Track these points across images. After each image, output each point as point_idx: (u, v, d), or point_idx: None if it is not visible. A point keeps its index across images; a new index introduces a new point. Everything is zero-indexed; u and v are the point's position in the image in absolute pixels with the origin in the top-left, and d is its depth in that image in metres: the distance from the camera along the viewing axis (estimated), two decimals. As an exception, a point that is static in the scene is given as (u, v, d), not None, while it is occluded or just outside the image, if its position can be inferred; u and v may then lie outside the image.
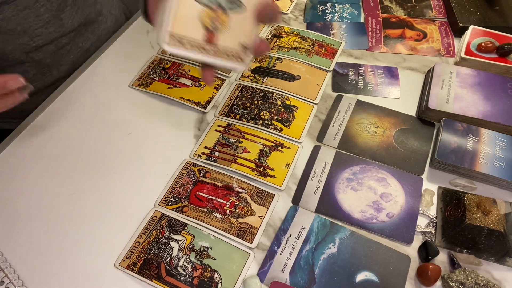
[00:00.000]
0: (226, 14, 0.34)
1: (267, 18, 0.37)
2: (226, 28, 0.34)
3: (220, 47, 0.35)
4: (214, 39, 0.34)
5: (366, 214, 0.52)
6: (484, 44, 0.68)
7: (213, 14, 0.33)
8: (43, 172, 0.56)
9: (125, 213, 0.53)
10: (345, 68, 0.70)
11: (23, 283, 0.47)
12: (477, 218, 0.48)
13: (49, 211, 0.53)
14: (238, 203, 0.53)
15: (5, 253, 0.49)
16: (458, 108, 0.59)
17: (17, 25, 0.60)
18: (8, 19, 0.59)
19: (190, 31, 0.33)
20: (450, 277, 0.46)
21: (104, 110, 0.64)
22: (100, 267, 0.48)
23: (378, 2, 0.81)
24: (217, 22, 0.34)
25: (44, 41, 0.65)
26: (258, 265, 0.48)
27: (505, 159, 0.54)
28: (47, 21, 0.63)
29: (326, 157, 0.58)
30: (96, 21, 0.74)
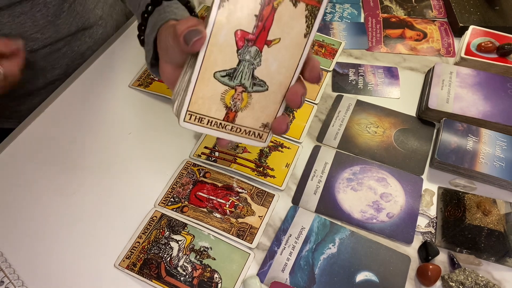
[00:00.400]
0: (248, 93, 0.33)
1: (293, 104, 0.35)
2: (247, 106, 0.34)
3: (239, 125, 0.34)
4: (234, 117, 0.34)
5: (366, 214, 0.52)
6: (484, 44, 0.68)
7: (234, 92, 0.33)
8: (43, 172, 0.56)
9: (125, 213, 0.53)
10: (345, 68, 0.70)
11: (23, 283, 0.47)
12: (477, 218, 0.48)
13: (49, 211, 0.53)
14: (238, 203, 0.53)
15: (5, 253, 0.49)
16: (458, 108, 0.59)
17: (12, 30, 0.60)
18: (3, 25, 0.58)
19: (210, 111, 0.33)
20: (450, 277, 0.46)
21: (104, 110, 0.64)
22: (100, 267, 0.48)
23: (378, 2, 0.81)
24: (238, 101, 0.33)
25: (39, 46, 0.64)
26: (258, 265, 0.48)
27: (505, 159, 0.54)
28: (43, 26, 0.63)
29: (326, 157, 0.58)
30: (94, 25, 0.73)
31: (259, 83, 0.33)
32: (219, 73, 0.32)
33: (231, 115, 0.34)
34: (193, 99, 0.32)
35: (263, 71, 0.33)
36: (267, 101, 0.34)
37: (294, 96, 0.35)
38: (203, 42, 0.30)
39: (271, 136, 0.37)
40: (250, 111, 0.34)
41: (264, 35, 0.31)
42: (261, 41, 0.31)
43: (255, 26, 0.31)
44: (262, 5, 0.30)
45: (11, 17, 0.59)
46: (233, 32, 0.31)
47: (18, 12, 0.59)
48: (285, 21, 0.31)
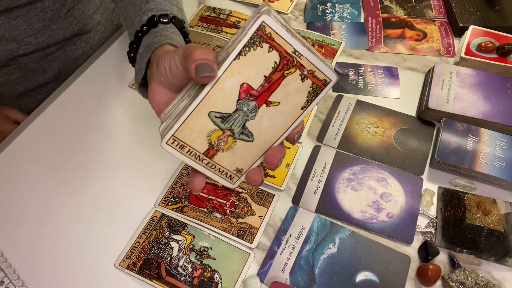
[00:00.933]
0: (234, 139, 0.35)
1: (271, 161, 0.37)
2: (228, 150, 0.36)
3: (216, 163, 0.36)
4: (213, 155, 0.36)
5: (366, 214, 0.52)
6: (484, 44, 0.68)
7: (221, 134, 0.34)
8: (43, 172, 0.56)
9: (125, 213, 0.53)
10: (345, 68, 0.70)
11: (23, 283, 0.47)
12: (477, 218, 0.48)
13: (49, 211, 0.53)
14: (238, 203, 0.53)
15: (5, 253, 0.49)
16: (458, 108, 0.59)
17: (6, 32, 0.59)
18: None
19: (194, 143, 0.34)
20: (450, 277, 0.46)
21: (104, 110, 0.64)
22: (100, 267, 0.48)
23: (378, 2, 0.81)
24: (222, 142, 0.35)
25: (31, 50, 0.64)
26: (258, 265, 0.48)
27: (505, 159, 0.54)
28: (38, 30, 0.62)
29: (326, 157, 0.58)
30: (92, 31, 0.72)
31: (247, 133, 0.35)
32: (214, 114, 0.33)
33: (211, 152, 0.35)
34: (182, 128, 0.33)
35: (254, 125, 0.35)
36: (248, 151, 0.36)
37: (273, 157, 0.36)
38: (211, 80, 0.31)
39: (240, 181, 0.39)
40: (230, 154, 0.36)
41: (267, 95, 0.33)
42: (262, 100, 0.33)
43: (261, 85, 0.32)
44: (274, 69, 0.32)
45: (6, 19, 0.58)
46: (239, 83, 0.32)
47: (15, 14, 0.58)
48: (289, 90, 0.33)
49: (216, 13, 0.79)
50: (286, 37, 0.30)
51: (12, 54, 0.62)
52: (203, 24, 0.77)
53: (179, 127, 0.33)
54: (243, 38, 0.30)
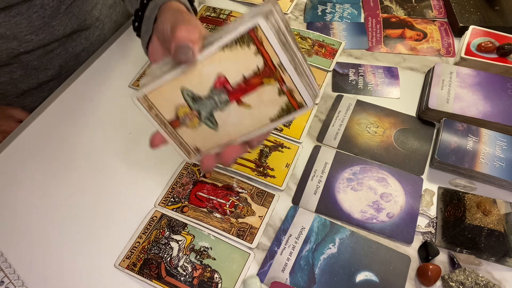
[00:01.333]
0: (199, 121, 0.36)
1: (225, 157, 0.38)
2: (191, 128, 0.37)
3: (178, 134, 0.38)
4: (177, 126, 0.37)
5: (366, 214, 0.52)
6: (484, 44, 0.68)
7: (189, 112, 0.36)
8: (43, 172, 0.56)
9: (125, 213, 0.53)
10: (345, 68, 0.70)
11: (23, 283, 0.47)
12: (477, 218, 0.48)
13: (49, 211, 0.53)
14: (238, 203, 0.53)
15: (5, 253, 0.49)
16: (458, 108, 0.59)
17: (6, 30, 0.59)
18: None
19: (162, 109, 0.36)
20: (450, 277, 0.46)
21: (104, 110, 0.64)
22: (100, 267, 0.48)
23: (378, 2, 0.81)
24: (188, 119, 0.36)
25: (33, 47, 0.64)
26: (258, 265, 0.48)
27: (505, 159, 0.54)
28: (38, 27, 0.62)
29: (326, 157, 0.58)
30: (91, 27, 0.72)
31: (212, 121, 0.36)
32: (187, 91, 0.34)
33: (176, 123, 0.37)
34: (155, 92, 0.35)
35: (221, 116, 0.35)
36: (209, 137, 0.37)
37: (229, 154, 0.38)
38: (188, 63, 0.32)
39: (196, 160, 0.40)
40: (192, 132, 0.37)
41: (240, 95, 0.33)
42: (235, 97, 0.34)
43: (237, 83, 0.33)
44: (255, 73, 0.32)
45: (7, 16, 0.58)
46: (217, 73, 0.32)
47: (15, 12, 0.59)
48: (263, 98, 0.33)
49: (216, 13, 0.79)
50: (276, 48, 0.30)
51: (14, 52, 0.63)
52: (203, 24, 0.77)
53: (152, 91, 0.35)
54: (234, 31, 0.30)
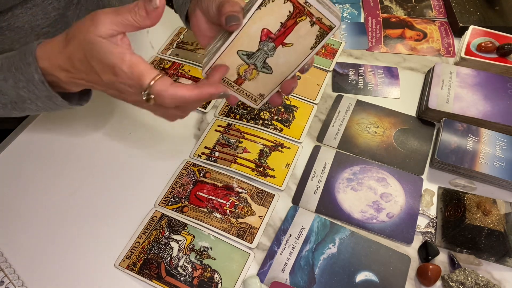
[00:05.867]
0: (257, 71, 0.44)
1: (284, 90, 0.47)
2: (253, 80, 0.45)
3: (243, 89, 0.46)
4: (241, 83, 0.45)
5: (366, 214, 0.52)
6: (484, 44, 0.68)
7: (248, 68, 0.44)
8: (43, 172, 0.56)
9: (125, 213, 0.53)
10: (345, 68, 0.70)
11: (23, 283, 0.47)
12: (477, 218, 0.48)
13: (49, 211, 0.53)
14: (238, 203, 0.53)
15: (5, 253, 0.49)
16: (458, 108, 0.59)
17: (25, 23, 0.60)
18: (16, 17, 0.59)
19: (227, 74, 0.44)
20: (450, 277, 0.46)
21: (104, 110, 0.64)
22: (100, 267, 0.48)
23: (378, 2, 0.81)
24: (248, 73, 0.44)
25: None
26: (258, 265, 0.48)
27: (505, 159, 0.54)
28: (54, 19, 0.63)
29: (326, 157, 0.58)
30: None
31: (267, 67, 0.44)
32: (241, 52, 0.42)
33: (240, 81, 0.45)
34: (217, 62, 0.42)
35: (273, 61, 0.43)
36: (268, 80, 0.45)
37: (288, 86, 0.46)
38: (237, 28, 0.40)
39: (262, 103, 0.48)
40: (254, 82, 0.45)
41: (282, 38, 0.41)
42: (279, 41, 0.41)
43: (278, 30, 0.40)
44: (289, 17, 0.39)
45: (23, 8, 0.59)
46: (261, 29, 0.40)
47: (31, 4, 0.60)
48: (301, 33, 0.41)
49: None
50: None
51: None
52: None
53: (215, 62, 0.42)
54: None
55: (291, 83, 0.46)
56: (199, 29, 0.47)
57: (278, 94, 0.48)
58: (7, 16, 0.58)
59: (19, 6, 0.59)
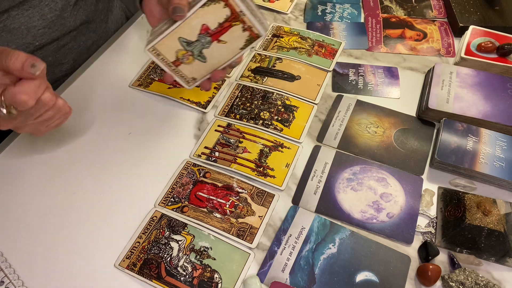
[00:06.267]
0: (193, 58, 0.51)
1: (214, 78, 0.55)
2: (189, 64, 0.52)
3: (179, 70, 0.53)
4: (178, 65, 0.52)
5: (366, 214, 0.52)
6: (484, 44, 0.68)
7: (185, 53, 0.51)
8: (43, 172, 0.56)
9: (125, 213, 0.53)
10: (345, 68, 0.70)
11: (23, 283, 0.47)
12: (477, 218, 0.48)
13: (49, 211, 0.53)
14: (238, 203, 0.53)
15: (5, 253, 0.49)
16: (458, 108, 0.59)
17: (21, 25, 0.60)
18: (12, 18, 0.59)
19: (166, 54, 0.51)
20: (450, 277, 0.46)
21: (104, 110, 0.64)
22: (100, 267, 0.48)
23: (378, 2, 0.81)
24: (185, 58, 0.51)
25: (46, 41, 0.65)
26: (258, 265, 0.48)
27: (505, 159, 0.54)
28: (51, 20, 0.64)
29: (326, 157, 0.58)
30: (97, 19, 0.74)
31: (202, 56, 0.51)
32: (182, 39, 0.49)
33: (177, 63, 0.52)
34: (160, 43, 0.49)
35: (208, 52, 0.51)
36: (202, 68, 0.53)
37: (217, 75, 0.54)
38: (181, 19, 0.47)
39: (194, 86, 0.55)
40: (190, 67, 0.53)
41: (218, 35, 0.49)
42: (215, 37, 0.49)
43: (215, 28, 0.48)
44: (226, 20, 0.47)
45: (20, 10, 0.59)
46: (201, 24, 0.48)
47: (27, 5, 0.60)
48: (234, 35, 0.49)
49: None
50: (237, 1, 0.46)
51: (29, 47, 0.63)
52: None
53: (158, 42, 0.49)
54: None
55: (220, 73, 0.54)
56: (150, 10, 0.53)
57: (208, 80, 0.55)
58: (3, 17, 0.58)
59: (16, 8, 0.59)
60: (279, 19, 0.79)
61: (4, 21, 0.59)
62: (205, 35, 0.49)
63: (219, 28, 0.48)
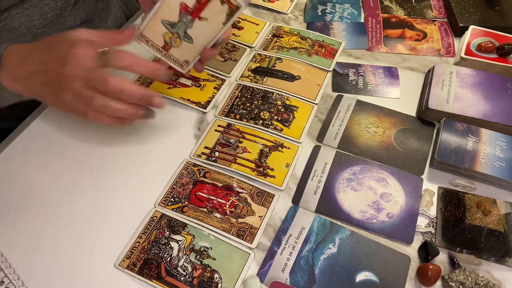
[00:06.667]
0: (180, 40, 0.52)
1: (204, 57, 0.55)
2: (178, 47, 0.52)
3: (170, 55, 0.53)
4: (168, 49, 0.52)
5: (366, 214, 0.52)
6: (484, 44, 0.68)
7: (172, 36, 0.51)
8: (43, 172, 0.56)
9: (125, 213, 0.53)
10: (345, 68, 0.70)
11: (23, 283, 0.47)
12: (477, 218, 0.48)
13: (49, 211, 0.53)
14: (238, 203, 0.53)
15: (5, 253, 0.49)
16: (458, 108, 0.59)
17: (21, 24, 0.60)
18: (12, 17, 0.59)
19: (154, 39, 0.51)
20: (450, 277, 0.46)
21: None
22: (100, 267, 0.48)
23: (378, 2, 0.81)
24: (173, 41, 0.52)
25: None
26: (258, 265, 0.48)
27: (505, 159, 0.54)
28: (51, 20, 0.63)
29: (326, 157, 0.58)
30: (96, 19, 0.74)
31: (188, 37, 0.52)
32: (165, 21, 0.50)
33: (166, 47, 0.52)
34: (147, 28, 0.50)
35: (192, 32, 0.51)
36: (190, 49, 0.53)
37: (205, 54, 0.54)
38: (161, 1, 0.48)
39: (188, 69, 0.55)
40: (180, 50, 0.53)
41: (198, 13, 0.50)
42: (195, 14, 0.50)
43: (194, 5, 0.49)
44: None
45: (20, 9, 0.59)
46: (179, 3, 0.48)
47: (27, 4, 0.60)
48: (214, 10, 0.50)
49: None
50: None
51: None
52: None
53: (144, 28, 0.49)
54: None
55: (209, 51, 0.54)
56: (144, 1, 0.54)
57: (200, 62, 0.56)
58: (3, 16, 0.58)
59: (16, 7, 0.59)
60: (279, 19, 0.79)
61: (4, 20, 0.59)
62: (185, 14, 0.49)
63: (197, 5, 0.49)
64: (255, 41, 0.74)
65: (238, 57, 0.71)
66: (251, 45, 0.73)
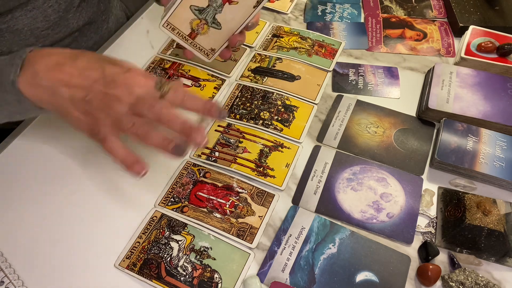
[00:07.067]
0: (208, 26, 0.51)
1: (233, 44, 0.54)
2: (204, 34, 0.51)
3: (197, 43, 0.52)
4: (194, 37, 0.51)
5: (366, 214, 0.52)
6: (484, 44, 0.68)
7: (199, 23, 0.50)
8: (43, 172, 0.56)
9: (125, 213, 0.53)
10: (345, 68, 0.70)
11: (23, 283, 0.47)
12: (477, 218, 0.48)
13: (49, 211, 0.53)
14: (238, 203, 0.53)
15: (5, 253, 0.49)
16: (458, 108, 0.59)
17: (24, 26, 0.60)
18: (16, 19, 0.59)
19: (181, 27, 0.50)
20: (450, 277, 0.46)
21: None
22: (100, 267, 0.48)
23: (378, 2, 0.81)
24: (200, 28, 0.51)
25: (49, 42, 0.65)
26: (258, 265, 0.48)
27: (505, 159, 0.54)
28: (54, 22, 0.63)
29: (326, 157, 0.58)
30: (98, 20, 0.74)
31: (216, 23, 0.50)
32: (194, 7, 0.49)
33: (193, 35, 0.51)
34: (173, 15, 0.49)
35: (221, 17, 0.50)
36: (218, 36, 0.52)
37: (234, 40, 0.53)
38: None
39: (214, 58, 0.54)
40: (206, 37, 0.52)
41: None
42: None
43: None
44: None
45: (23, 11, 0.59)
46: None
47: (31, 6, 0.60)
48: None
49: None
50: None
51: None
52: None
53: (171, 15, 0.49)
54: None
55: (238, 37, 0.53)
56: None
57: (227, 49, 0.55)
58: (7, 18, 0.58)
59: (19, 9, 0.59)
60: (279, 19, 0.79)
61: (8, 22, 0.58)
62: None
63: None
64: (255, 41, 0.74)
65: (238, 57, 0.71)
66: (251, 45, 0.73)
